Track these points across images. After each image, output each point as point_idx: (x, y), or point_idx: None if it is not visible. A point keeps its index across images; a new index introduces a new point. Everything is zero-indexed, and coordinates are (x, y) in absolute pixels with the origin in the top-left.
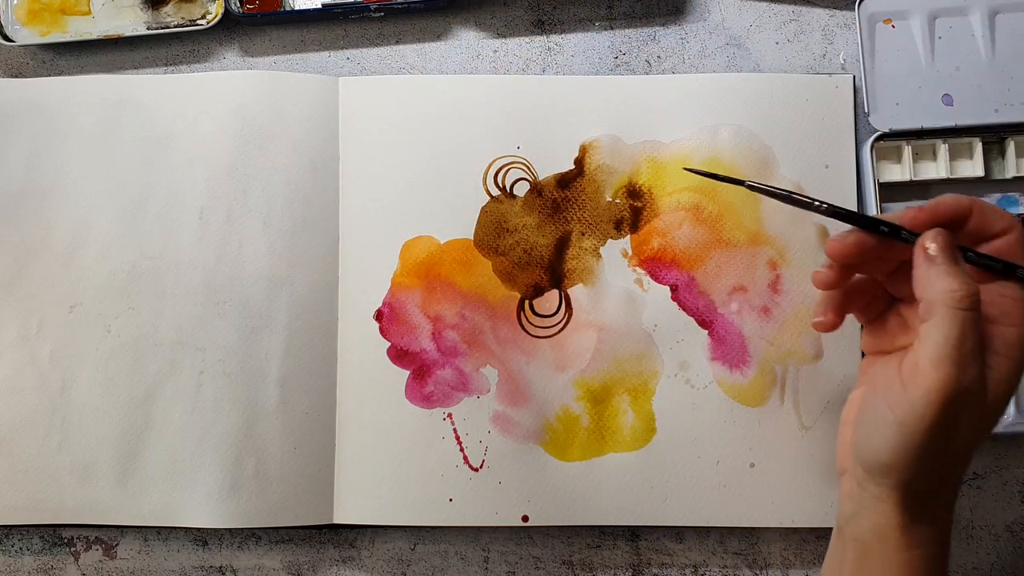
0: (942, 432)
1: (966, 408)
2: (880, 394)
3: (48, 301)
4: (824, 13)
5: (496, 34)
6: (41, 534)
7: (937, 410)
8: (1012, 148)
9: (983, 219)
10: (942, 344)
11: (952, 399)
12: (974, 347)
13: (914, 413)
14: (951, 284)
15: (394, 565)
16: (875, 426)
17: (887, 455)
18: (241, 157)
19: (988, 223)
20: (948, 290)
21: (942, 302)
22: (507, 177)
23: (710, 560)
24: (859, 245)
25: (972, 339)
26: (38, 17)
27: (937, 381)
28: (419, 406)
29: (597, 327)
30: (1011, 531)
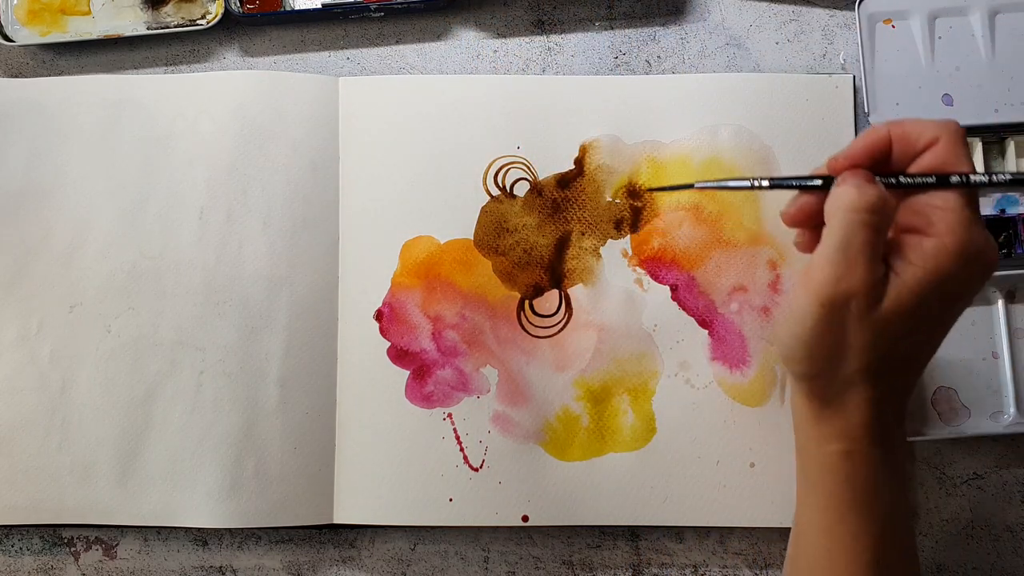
0: (827, 329)
1: (853, 309)
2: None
3: (48, 301)
4: (824, 13)
5: (496, 34)
6: (41, 534)
7: (818, 309)
8: (1012, 148)
9: (905, 142)
10: (827, 247)
11: (832, 299)
12: (860, 251)
13: (802, 310)
14: (846, 193)
15: (394, 565)
16: (780, 319)
17: (784, 346)
18: (241, 157)
19: (912, 143)
20: (842, 198)
21: (835, 209)
22: (507, 177)
23: (710, 560)
24: (805, 207)
25: (857, 243)
26: (38, 17)
27: (819, 282)
28: (419, 406)
29: (597, 327)
30: (1011, 531)
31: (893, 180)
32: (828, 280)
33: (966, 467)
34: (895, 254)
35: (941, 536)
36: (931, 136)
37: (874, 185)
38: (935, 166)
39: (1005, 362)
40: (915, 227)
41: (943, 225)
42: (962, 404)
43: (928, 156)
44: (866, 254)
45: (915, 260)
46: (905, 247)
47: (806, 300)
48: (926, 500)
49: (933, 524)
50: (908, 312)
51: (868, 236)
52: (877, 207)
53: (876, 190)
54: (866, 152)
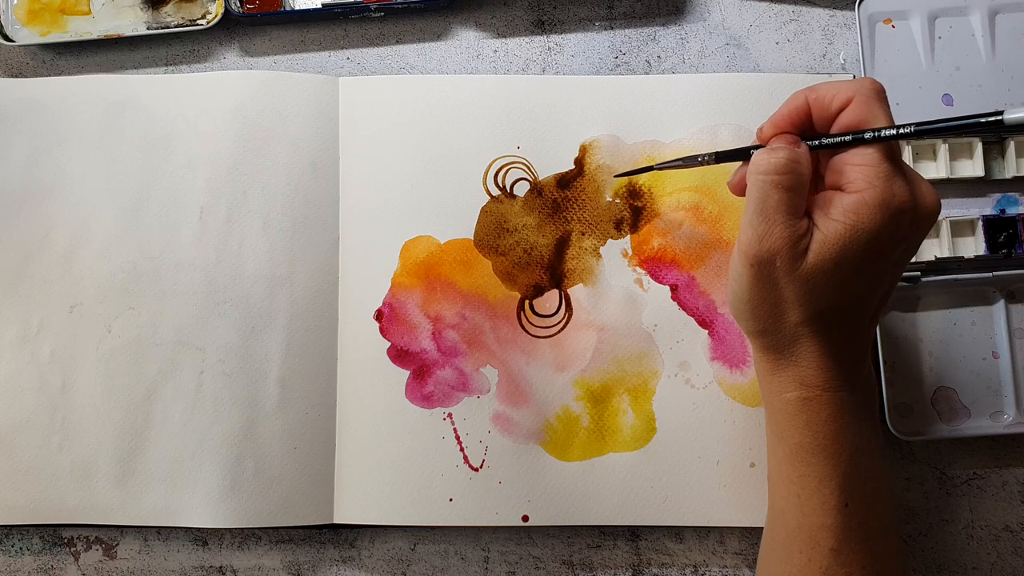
0: (761, 286)
1: (779, 264)
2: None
3: (48, 301)
4: (824, 13)
5: (496, 34)
6: (41, 534)
7: (748, 269)
8: (1012, 148)
9: (821, 105)
10: (748, 210)
11: (758, 258)
12: (775, 210)
13: (737, 272)
14: (757, 157)
15: (394, 565)
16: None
17: (732, 305)
18: (241, 157)
19: (827, 105)
20: (754, 162)
21: (750, 173)
22: (507, 177)
23: (710, 560)
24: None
25: (772, 203)
26: (38, 17)
27: (745, 244)
28: (419, 406)
29: (597, 327)
30: (1011, 531)
31: (816, 142)
32: (751, 241)
33: (966, 467)
34: (818, 211)
35: (941, 536)
36: (845, 97)
37: (784, 148)
38: (852, 125)
39: (1005, 362)
40: (838, 185)
41: (862, 180)
42: (962, 404)
43: (845, 116)
44: (782, 212)
45: (836, 215)
46: (827, 204)
47: (739, 261)
48: (926, 500)
49: (933, 524)
50: (834, 264)
51: (781, 196)
52: (786, 167)
53: (785, 152)
54: (788, 119)
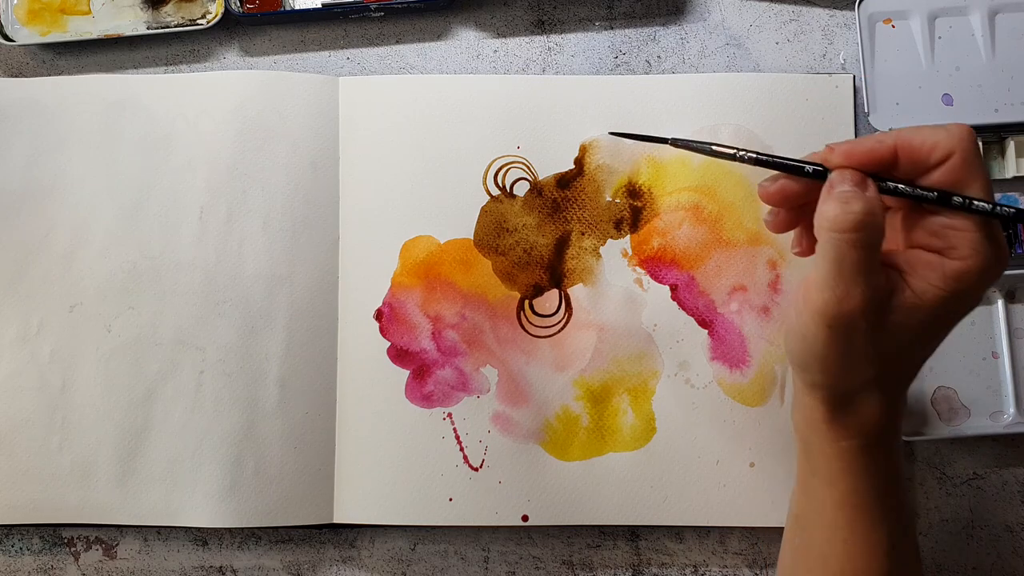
0: (839, 346)
1: (861, 325)
2: (792, 301)
3: (48, 301)
4: (824, 13)
5: (496, 34)
6: (41, 534)
7: (825, 330)
8: (1012, 148)
9: (914, 154)
10: (821, 267)
11: (836, 320)
12: (855, 271)
13: (808, 330)
14: (830, 210)
15: (394, 565)
16: (788, 331)
17: (797, 359)
18: (241, 157)
19: (922, 157)
20: (827, 216)
21: (821, 228)
22: (507, 177)
23: (710, 560)
24: (786, 189)
25: (850, 263)
26: (38, 17)
27: (820, 304)
28: (419, 406)
29: (597, 327)
30: (1011, 531)
31: (889, 186)
32: (830, 302)
33: (966, 467)
34: (912, 272)
35: (941, 536)
36: (945, 150)
37: (860, 199)
38: (949, 183)
39: (1005, 362)
40: (932, 246)
41: (967, 248)
42: (962, 404)
43: (943, 173)
44: (863, 273)
45: (935, 281)
46: (925, 267)
47: (812, 322)
48: (926, 500)
49: (933, 524)
50: (923, 327)
51: (860, 255)
52: (864, 223)
53: (861, 205)
54: (868, 156)
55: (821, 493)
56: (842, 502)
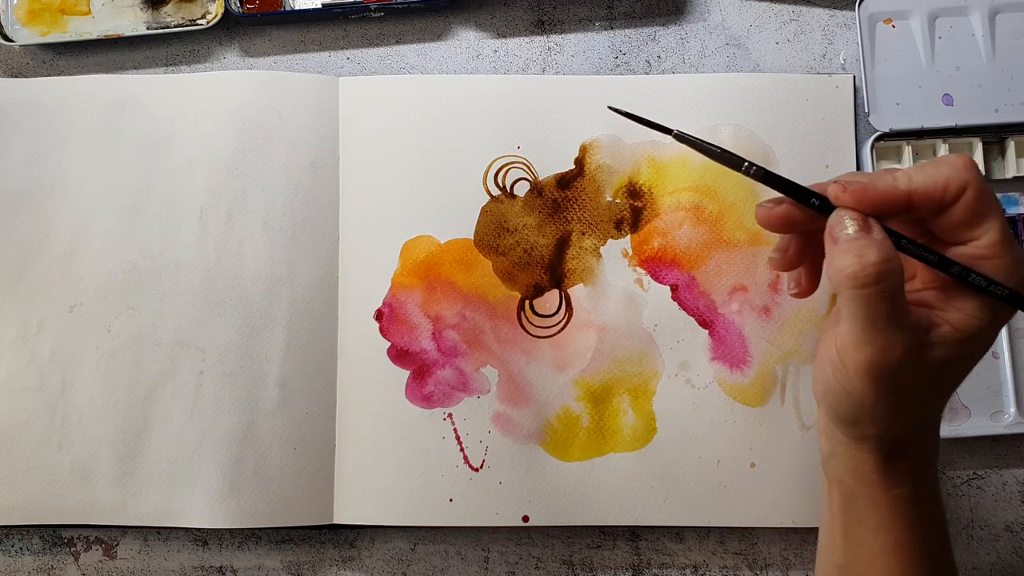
0: (888, 396)
1: (907, 371)
2: (827, 358)
3: (48, 301)
4: (824, 13)
5: (496, 34)
6: (41, 534)
7: (872, 385)
8: (1012, 148)
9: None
10: (853, 325)
11: (883, 373)
12: (888, 321)
13: (854, 387)
14: (846, 266)
15: (394, 565)
16: (829, 388)
17: (845, 416)
18: (241, 157)
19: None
20: (845, 273)
21: (842, 285)
22: (507, 177)
23: (710, 560)
24: (789, 216)
25: (883, 314)
26: (38, 17)
27: (863, 361)
28: (419, 406)
29: (597, 327)
30: (1011, 531)
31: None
32: (872, 357)
33: (966, 467)
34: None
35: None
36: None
37: (872, 246)
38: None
39: (1005, 362)
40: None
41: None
42: (962, 404)
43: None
44: (897, 321)
45: (974, 312)
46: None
47: (857, 379)
48: None
49: None
50: (964, 360)
51: (890, 305)
52: (884, 273)
53: (876, 254)
54: (880, 200)
55: (871, 542)
56: (896, 549)
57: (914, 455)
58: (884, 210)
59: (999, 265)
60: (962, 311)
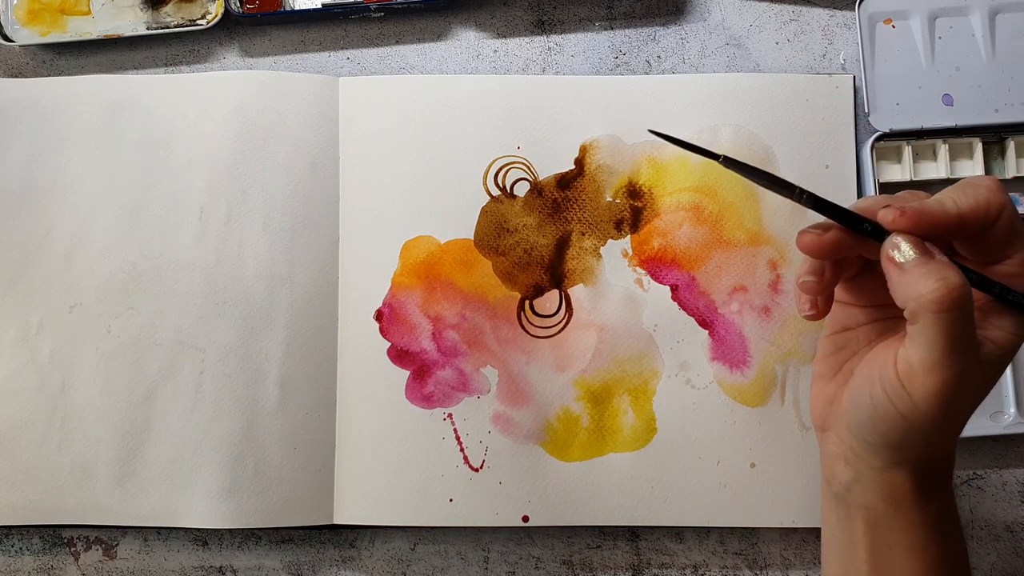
0: (951, 419)
1: (972, 394)
2: (879, 384)
3: (48, 301)
4: (824, 13)
5: (496, 34)
6: (41, 534)
7: (940, 409)
8: (1012, 148)
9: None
10: (932, 350)
11: (954, 397)
12: (965, 344)
13: (917, 411)
14: (925, 287)
15: (394, 565)
16: (877, 414)
17: (894, 440)
18: (241, 157)
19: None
20: (924, 295)
21: (922, 308)
22: (507, 177)
23: (710, 560)
24: (837, 243)
25: (961, 338)
26: (38, 17)
27: (935, 385)
28: (419, 406)
29: (597, 327)
30: (1011, 531)
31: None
32: (950, 382)
33: (966, 467)
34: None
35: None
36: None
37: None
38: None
39: None
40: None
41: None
42: None
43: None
44: (973, 345)
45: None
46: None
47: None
48: None
49: None
50: (1001, 371)
51: (968, 328)
52: (967, 297)
53: (957, 277)
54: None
55: (906, 564)
56: (934, 565)
57: (950, 468)
58: (937, 233)
59: None
60: (1001, 329)
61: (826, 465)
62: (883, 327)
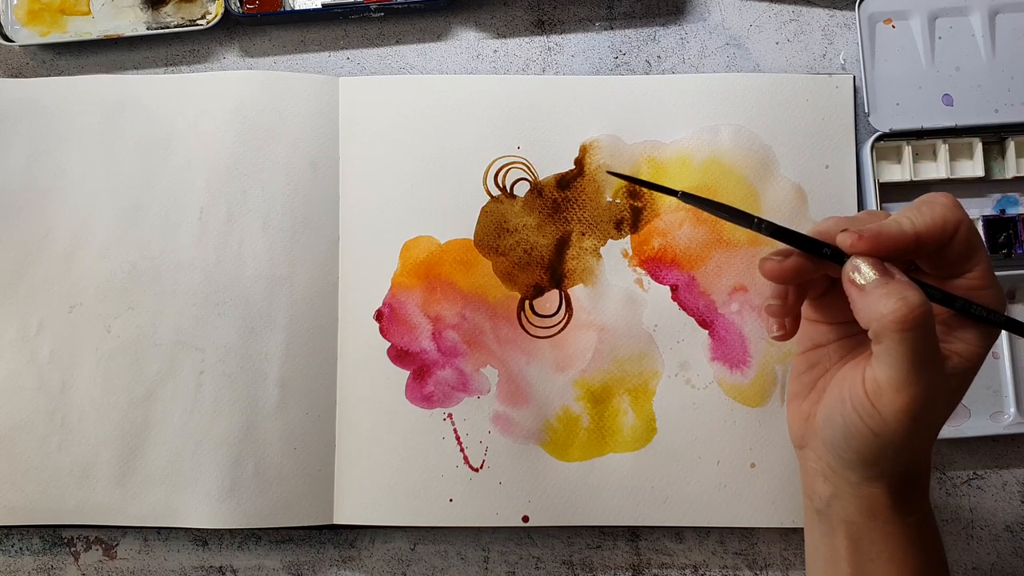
0: (920, 434)
1: (941, 408)
2: (849, 403)
3: (48, 301)
4: (824, 13)
5: (496, 34)
6: (41, 534)
7: (910, 425)
8: (1012, 148)
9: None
10: (897, 369)
11: (923, 413)
12: (929, 360)
13: (888, 428)
14: (887, 307)
15: (394, 565)
16: (849, 432)
17: (868, 456)
18: (241, 157)
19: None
20: (885, 315)
21: (884, 328)
22: (507, 177)
23: (710, 560)
24: (798, 269)
25: (926, 354)
26: (38, 17)
27: (903, 402)
28: (419, 406)
29: (597, 327)
30: (1011, 531)
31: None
32: (917, 399)
33: (966, 467)
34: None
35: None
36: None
37: (911, 288)
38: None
39: (1005, 362)
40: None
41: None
42: (962, 404)
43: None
44: (937, 361)
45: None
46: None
47: (895, 420)
48: None
49: None
50: (968, 383)
51: (931, 344)
52: (928, 315)
53: (917, 296)
54: (894, 244)
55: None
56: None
57: (926, 479)
58: (895, 253)
59: (991, 295)
60: (966, 341)
61: (806, 481)
62: (852, 343)
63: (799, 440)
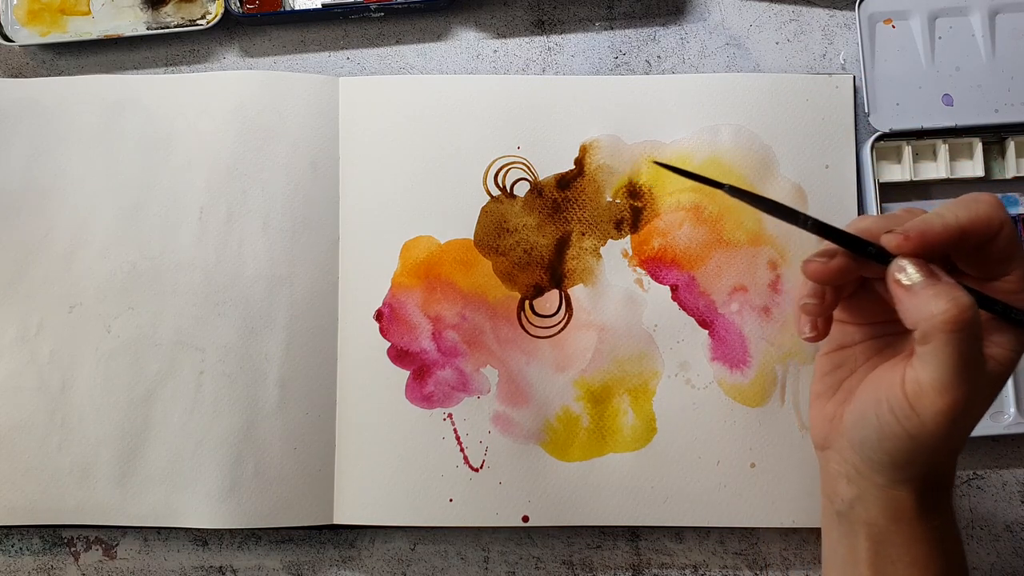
0: (956, 436)
1: (973, 412)
2: (886, 404)
3: (48, 301)
4: (824, 13)
5: (496, 34)
6: (41, 534)
7: (948, 428)
8: (1012, 148)
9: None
10: (943, 370)
11: (963, 415)
12: (974, 363)
13: (925, 430)
14: (937, 307)
15: (394, 565)
16: (884, 434)
17: (900, 459)
18: (241, 157)
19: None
20: (936, 315)
21: (934, 328)
22: (507, 177)
23: (710, 560)
24: (842, 269)
25: (971, 357)
26: (38, 17)
27: (945, 404)
28: (419, 406)
29: (597, 327)
30: (1011, 531)
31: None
32: (959, 401)
33: (966, 467)
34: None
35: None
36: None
37: (960, 289)
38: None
39: None
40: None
41: None
42: None
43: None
44: (980, 363)
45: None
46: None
47: (933, 423)
48: None
49: None
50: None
51: (977, 347)
52: (977, 316)
53: (967, 297)
54: (939, 240)
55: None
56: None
57: (951, 481)
58: (940, 250)
59: None
60: (1001, 346)
61: (827, 483)
62: (880, 344)
63: (822, 441)
